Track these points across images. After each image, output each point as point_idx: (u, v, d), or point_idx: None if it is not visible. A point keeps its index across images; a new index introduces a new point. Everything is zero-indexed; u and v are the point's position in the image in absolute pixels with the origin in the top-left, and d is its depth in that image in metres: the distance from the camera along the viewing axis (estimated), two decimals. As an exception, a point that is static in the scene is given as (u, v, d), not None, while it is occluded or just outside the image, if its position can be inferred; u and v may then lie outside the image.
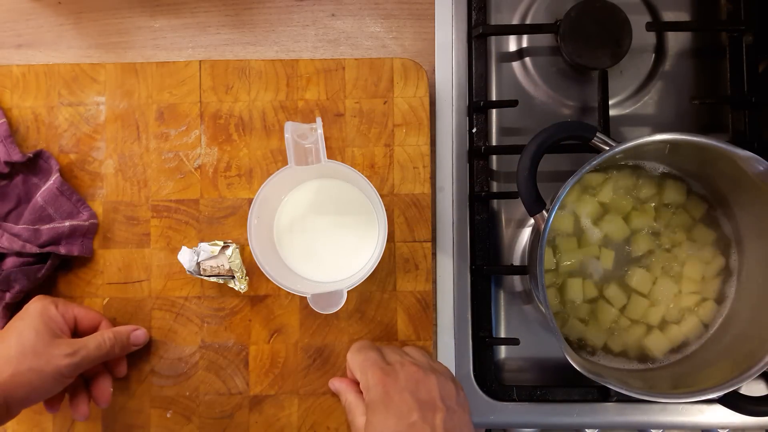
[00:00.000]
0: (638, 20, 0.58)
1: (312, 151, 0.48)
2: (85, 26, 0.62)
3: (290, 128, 0.47)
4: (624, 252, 0.55)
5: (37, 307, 0.52)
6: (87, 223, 0.57)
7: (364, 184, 0.51)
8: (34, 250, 0.55)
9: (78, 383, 0.54)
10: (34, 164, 0.58)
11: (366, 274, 0.50)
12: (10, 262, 0.56)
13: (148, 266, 0.58)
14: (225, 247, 0.55)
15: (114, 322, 0.57)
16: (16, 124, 0.59)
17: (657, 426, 0.57)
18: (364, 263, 0.54)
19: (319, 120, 0.48)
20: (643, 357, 0.55)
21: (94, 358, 0.52)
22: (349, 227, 0.55)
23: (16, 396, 0.48)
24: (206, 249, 0.55)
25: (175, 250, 0.57)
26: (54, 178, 0.57)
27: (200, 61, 0.59)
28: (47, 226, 0.56)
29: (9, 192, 0.58)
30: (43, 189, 0.57)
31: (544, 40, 0.62)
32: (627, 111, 0.62)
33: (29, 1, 0.62)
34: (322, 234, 0.55)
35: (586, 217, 0.55)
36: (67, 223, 0.56)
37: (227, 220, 0.58)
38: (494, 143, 0.61)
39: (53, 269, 0.56)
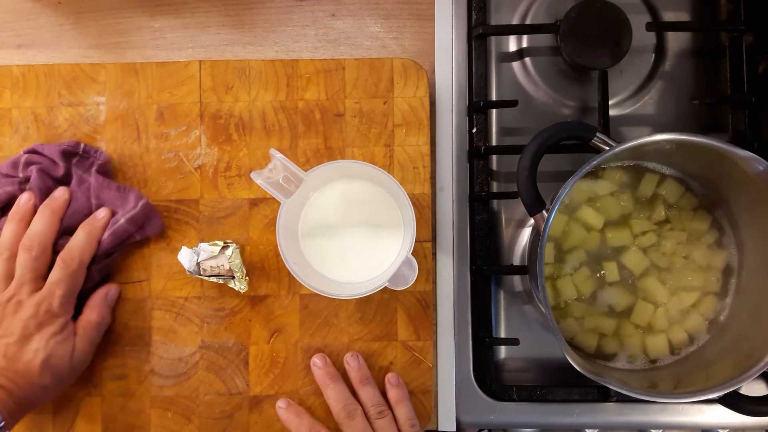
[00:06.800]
0: (638, 20, 0.58)
1: (289, 179, 0.49)
2: (85, 26, 0.62)
3: (256, 177, 0.48)
4: (624, 252, 0.55)
5: (78, 361, 0.54)
6: (138, 208, 0.56)
7: (380, 176, 0.50)
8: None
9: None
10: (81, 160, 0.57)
11: (401, 261, 0.49)
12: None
13: (148, 266, 0.58)
14: (225, 247, 0.55)
15: (114, 323, 0.57)
16: (16, 124, 0.59)
17: (657, 426, 0.57)
18: (394, 258, 0.53)
19: (272, 150, 0.48)
20: (643, 357, 0.55)
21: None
22: (375, 225, 0.54)
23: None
24: (206, 249, 0.54)
25: (175, 250, 0.57)
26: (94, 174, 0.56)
27: (200, 61, 0.59)
28: (107, 233, 0.55)
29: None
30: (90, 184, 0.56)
31: (544, 40, 0.62)
32: (627, 111, 0.62)
33: (29, 1, 0.62)
34: (349, 234, 0.54)
35: (587, 217, 0.55)
36: (122, 220, 0.55)
37: (227, 220, 0.58)
38: (494, 143, 0.61)
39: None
